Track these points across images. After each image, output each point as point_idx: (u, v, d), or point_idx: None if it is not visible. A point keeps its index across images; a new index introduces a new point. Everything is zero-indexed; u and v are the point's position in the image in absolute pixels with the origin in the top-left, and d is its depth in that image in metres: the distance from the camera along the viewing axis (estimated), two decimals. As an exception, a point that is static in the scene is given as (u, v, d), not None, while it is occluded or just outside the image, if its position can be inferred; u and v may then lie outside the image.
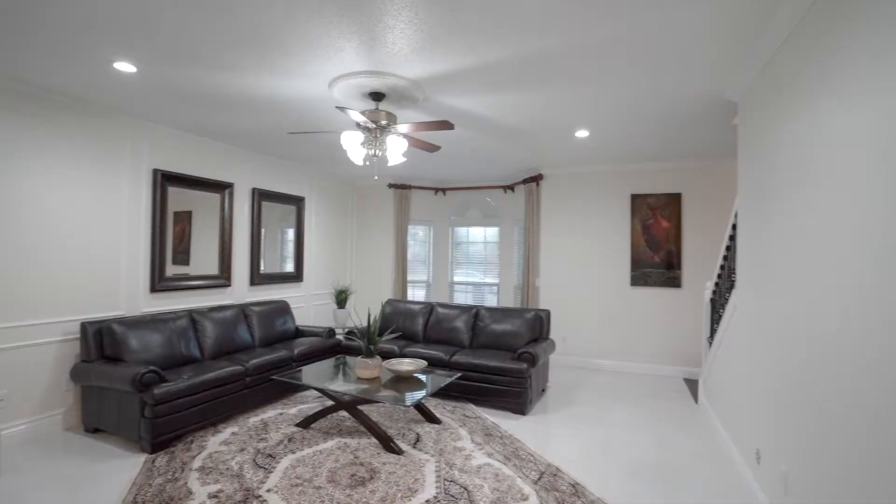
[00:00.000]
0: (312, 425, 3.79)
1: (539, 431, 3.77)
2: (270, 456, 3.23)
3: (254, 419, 3.93)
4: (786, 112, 2.36)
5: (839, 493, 1.68)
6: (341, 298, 6.15)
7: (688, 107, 3.64)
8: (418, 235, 7.41)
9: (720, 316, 3.90)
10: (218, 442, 3.46)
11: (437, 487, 2.82)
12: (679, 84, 3.17)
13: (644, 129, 4.28)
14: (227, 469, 3.04)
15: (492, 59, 2.82)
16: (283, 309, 5.26)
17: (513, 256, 6.78)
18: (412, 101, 3.44)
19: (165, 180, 4.42)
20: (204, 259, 4.88)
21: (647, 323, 5.72)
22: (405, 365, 3.88)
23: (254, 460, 3.16)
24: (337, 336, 5.40)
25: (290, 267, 6.03)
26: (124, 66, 3.01)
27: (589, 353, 6.00)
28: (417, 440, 3.52)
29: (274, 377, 3.84)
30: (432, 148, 3.85)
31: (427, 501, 2.66)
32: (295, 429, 3.72)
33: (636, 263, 5.73)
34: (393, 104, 3.49)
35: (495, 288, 7.03)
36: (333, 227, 6.91)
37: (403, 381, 3.70)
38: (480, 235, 7.16)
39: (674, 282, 5.59)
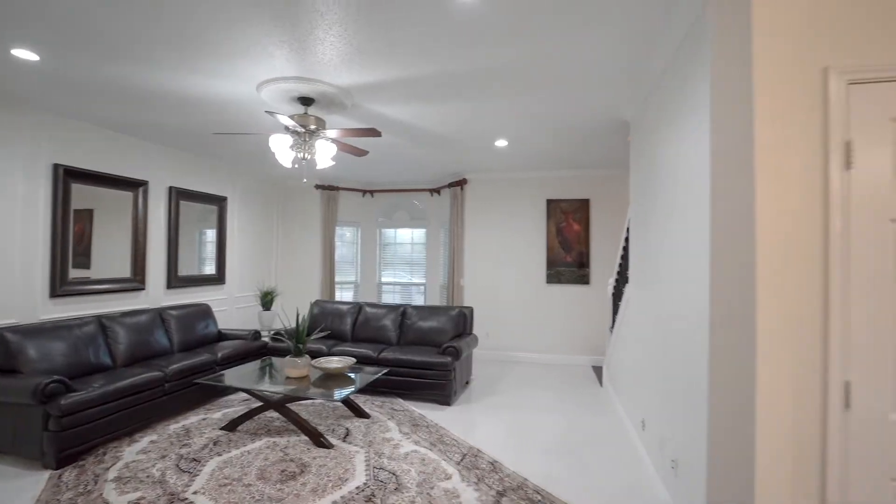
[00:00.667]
0: (239, 428, 3.75)
1: (463, 420, 4.05)
2: (195, 460, 3.18)
3: (174, 426, 3.80)
4: (660, 135, 2.84)
5: (687, 442, 2.12)
6: (267, 300, 6.04)
7: (593, 123, 4.13)
8: (346, 237, 7.45)
9: (619, 308, 4.46)
10: (135, 451, 3.33)
11: (366, 475, 2.98)
12: (584, 104, 3.62)
13: (557, 141, 4.75)
14: (148, 476, 2.96)
15: (418, 74, 3.05)
16: (204, 312, 5.08)
17: (439, 257, 7.06)
18: (341, 107, 3.56)
19: (69, 176, 4.11)
20: (112, 261, 4.58)
21: (561, 317, 6.29)
22: (334, 363, 3.97)
23: (177, 465, 3.10)
24: (263, 338, 5.32)
25: (211, 269, 5.81)
26: (24, 54, 2.82)
27: (509, 347, 6.45)
28: (347, 434, 3.64)
29: (198, 381, 3.75)
30: (361, 153, 4.00)
31: (357, 487, 2.82)
32: (220, 432, 3.67)
33: (551, 263, 6.28)
34: (322, 109, 3.59)
35: (422, 288, 7.26)
36: (258, 227, 6.74)
37: (332, 379, 3.80)
38: (408, 237, 7.36)
39: (583, 279, 6.20)
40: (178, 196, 5.27)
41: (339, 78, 3.12)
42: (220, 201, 5.92)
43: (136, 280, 4.80)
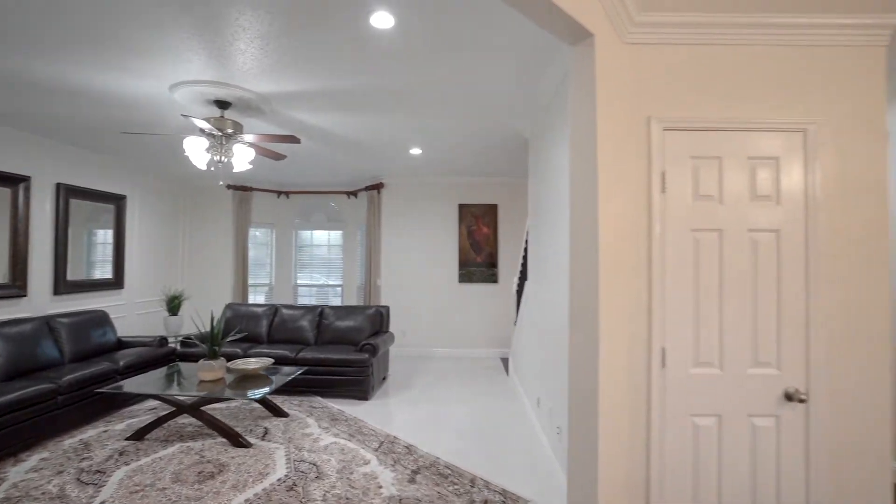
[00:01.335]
0: (147, 436, 3.64)
1: (380, 412, 4.30)
2: (99, 472, 3.07)
3: (70, 441, 3.58)
4: (549, 154, 3.35)
5: (565, 409, 2.59)
6: (174, 305, 5.75)
7: (498, 138, 4.60)
8: (259, 238, 7.29)
9: (521, 303, 5.00)
10: (24, 471, 3.11)
11: (287, 468, 3.11)
12: (489, 122, 4.06)
13: (467, 151, 5.18)
14: (44, 493, 2.82)
15: (336, 87, 3.25)
16: (100, 319, 4.75)
17: (356, 258, 7.20)
18: (259, 112, 3.63)
19: (-67, 171, 3.67)
20: (-13, 265, 4.14)
21: (473, 314, 6.77)
22: (251, 364, 4.00)
23: (78, 479, 2.98)
24: (170, 345, 5.09)
25: (107, 272, 5.41)
26: None
27: (424, 343, 6.80)
28: (266, 433, 3.71)
29: (101, 391, 3.57)
30: (279, 157, 4.07)
31: (279, 479, 2.95)
32: (126, 442, 3.53)
33: (463, 263, 6.74)
34: (239, 113, 3.63)
35: (339, 289, 7.35)
36: (162, 228, 6.36)
37: (249, 380, 3.83)
38: (325, 238, 7.40)
39: (493, 278, 6.75)
40: (67, 194, 4.86)
41: (259, 85, 3.21)
42: (118, 200, 5.53)
43: (17, 286, 4.36)
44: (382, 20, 2.33)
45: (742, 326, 1.87)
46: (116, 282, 5.50)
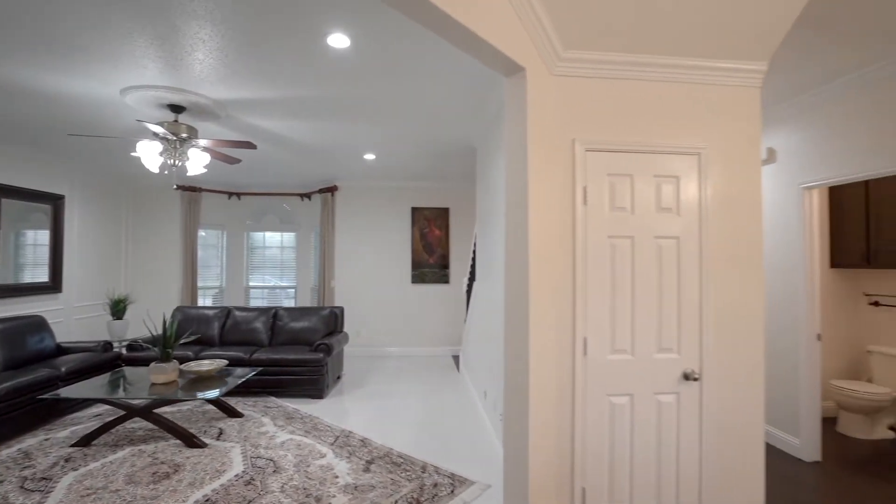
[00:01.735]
0: (94, 442, 3.59)
1: (335, 409, 4.43)
2: (44, 479, 3.03)
3: (7, 451, 3.46)
4: (493, 165, 3.64)
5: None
6: (119, 309, 5.58)
7: (449, 146, 4.86)
8: (210, 240, 7.15)
9: (470, 302, 5.28)
10: (-43, 482, 3.01)
11: (244, 464, 3.20)
12: (441, 132, 4.30)
13: (419, 157, 5.41)
14: (-15, 502, 2.76)
15: (294, 97, 3.38)
16: (37, 325, 4.56)
17: (310, 260, 7.24)
18: (214, 116, 3.68)
19: None
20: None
21: (425, 313, 7.00)
22: (205, 366, 4.02)
23: (21, 487, 2.93)
24: (116, 349, 4.96)
25: (42, 276, 5.17)
26: None
27: (378, 343, 6.96)
28: (221, 433, 3.76)
29: (44, 397, 3.49)
30: (234, 161, 4.12)
31: (236, 475, 3.04)
32: (72, 449, 3.47)
33: (416, 265, 6.96)
34: (193, 117, 3.66)
35: (292, 291, 7.35)
36: (105, 230, 6.12)
37: (203, 382, 3.85)
38: (277, 240, 7.37)
39: (444, 279, 7.01)
40: (-1, 193, 4.63)
41: (216, 92, 3.28)
42: (55, 200, 5.30)
43: (-58, 291, 4.13)
44: (339, 41, 2.51)
45: (649, 318, 2.22)
46: (54, 286, 5.27)
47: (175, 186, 6.68)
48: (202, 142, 3.58)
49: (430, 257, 6.99)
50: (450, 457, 3.34)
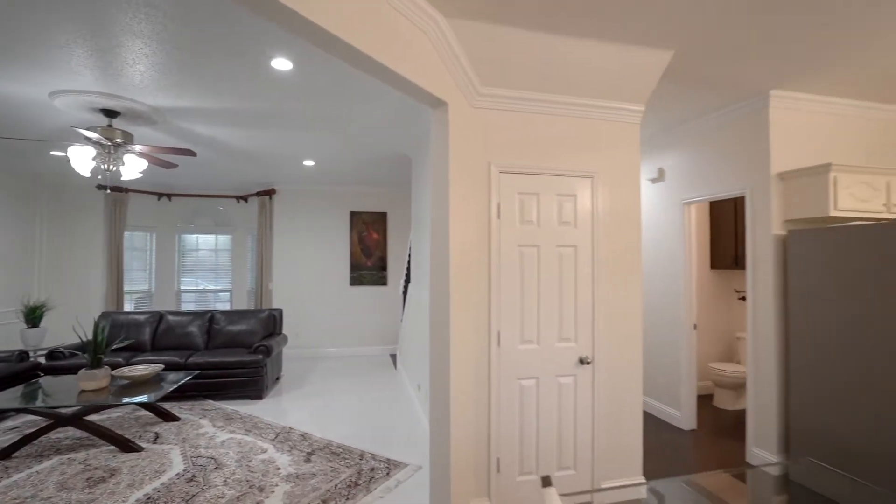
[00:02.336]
0: (15, 454, 3.49)
1: (275, 408, 4.56)
2: (-36, 491, 2.95)
3: (-85, 466, 3.29)
4: (426, 173, 3.99)
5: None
6: (35, 316, 5.27)
7: (386, 155, 5.14)
8: (137, 243, 6.88)
9: (406, 303, 5.60)
10: None
11: (185, 464, 3.30)
12: (377, 142, 4.57)
13: (358, 164, 5.63)
14: None
15: (235, 108, 3.51)
16: (-58, 334, 4.26)
17: (246, 262, 7.19)
18: (150, 122, 3.71)
19: None
20: None
21: (364, 314, 7.22)
22: (139, 371, 4.01)
23: (-62, 501, 2.85)
24: (32, 358, 4.73)
25: (-54, 282, 4.80)
26: None
27: (318, 344, 7.07)
28: (157, 437, 3.78)
29: (-42, 407, 3.34)
30: (171, 166, 4.13)
31: (177, 474, 3.14)
32: (-10, 461, 3.36)
33: (354, 267, 7.16)
34: (128, 122, 3.66)
35: (228, 294, 7.26)
36: (14, 232, 5.73)
37: (137, 387, 3.84)
38: (212, 242, 7.24)
39: (382, 281, 7.27)
40: None
41: (154, 100, 3.34)
42: (-40, 201, 4.93)
43: None
44: (282, 64, 2.73)
45: (552, 313, 2.66)
46: (-41, 292, 4.90)
47: (97, 187, 6.38)
48: (138, 147, 3.60)
49: (369, 260, 7.22)
50: (386, 445, 3.64)
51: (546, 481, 1.03)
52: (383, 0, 1.90)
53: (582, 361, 2.69)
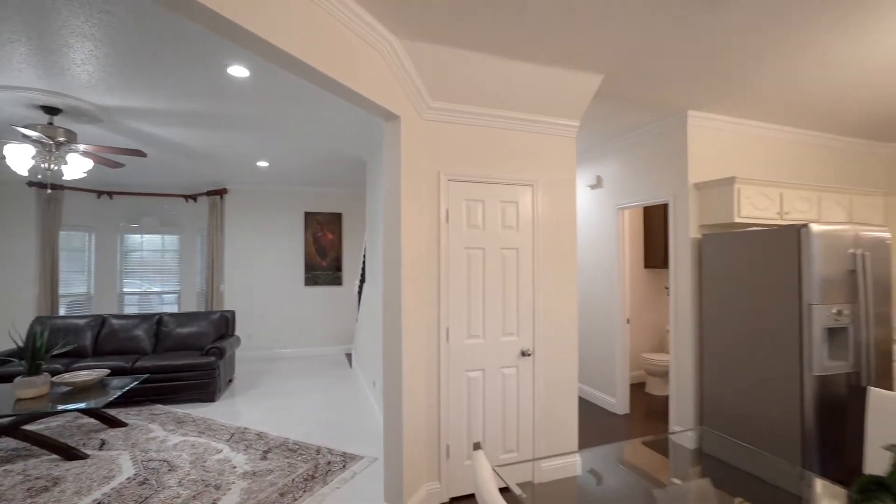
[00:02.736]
0: (-55, 466, 3.32)
1: (229, 410, 4.56)
2: None
3: None
4: (380, 176, 4.14)
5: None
6: (-41, 321, 4.93)
7: (342, 158, 5.22)
8: (74, 243, 6.54)
9: (361, 303, 5.71)
10: None
11: (135, 468, 3.28)
12: (333, 145, 4.66)
13: (313, 166, 5.68)
14: None
15: (189, 109, 3.51)
16: None
17: (195, 264, 7.01)
18: (95, 120, 3.63)
19: None
20: None
21: (319, 314, 7.24)
22: (81, 376, 3.89)
23: None
24: (-41, 366, 4.44)
25: None
26: None
27: (272, 345, 7.02)
28: (103, 444, 3.70)
29: None
30: (117, 165, 4.04)
31: (128, 479, 3.12)
32: (-83, 475, 3.19)
33: (309, 267, 7.16)
34: (70, 120, 3.56)
35: (175, 296, 7.05)
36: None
37: (80, 394, 3.73)
38: (158, 243, 7.00)
39: (337, 281, 7.32)
40: None
41: (101, 99, 3.29)
42: None
43: None
44: (238, 71, 2.81)
45: (496, 310, 2.90)
46: None
47: (28, 183, 6.02)
48: (82, 147, 3.52)
49: (324, 260, 7.24)
50: (342, 440, 3.76)
51: (476, 446, 1.23)
52: (339, 23, 2.05)
53: (524, 354, 2.96)
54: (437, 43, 2.47)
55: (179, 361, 4.71)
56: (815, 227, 2.80)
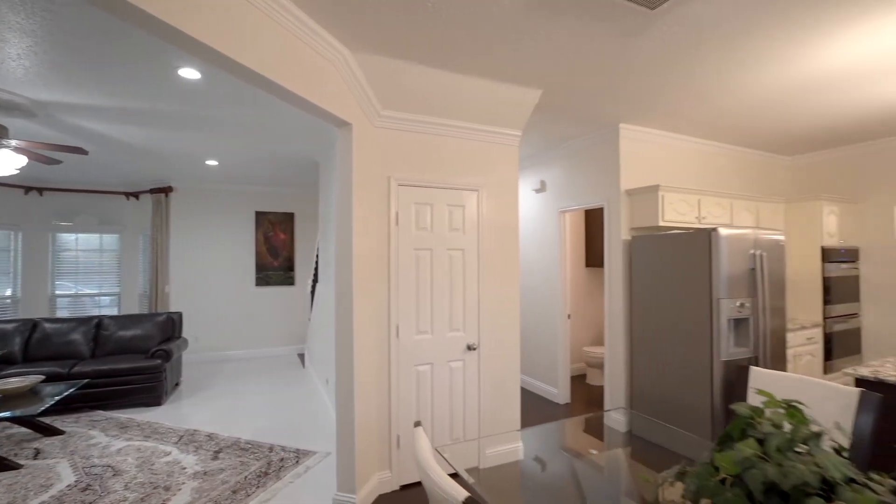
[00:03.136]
0: None
1: (176, 413, 4.47)
2: None
3: None
4: (333, 178, 4.22)
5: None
6: None
7: (295, 159, 5.23)
8: (-1, 242, 6.10)
9: (315, 302, 5.73)
10: None
11: (76, 475, 3.19)
12: (286, 147, 4.67)
13: (266, 166, 5.63)
14: None
15: (134, 107, 3.44)
16: None
17: (138, 264, 6.74)
18: (29, 115, 3.48)
19: None
20: None
21: (271, 315, 7.16)
22: (11, 383, 3.72)
23: None
24: None
25: None
26: None
27: (222, 347, 6.87)
28: (38, 453, 3.56)
29: None
30: (54, 162, 3.87)
31: (68, 486, 3.04)
32: None
33: (260, 267, 7.06)
34: (1, 113, 3.40)
35: (112, 298, 6.74)
36: None
37: (10, 402, 3.57)
38: (95, 243, 6.66)
39: (290, 281, 7.26)
40: None
41: (37, 94, 3.17)
42: None
43: None
44: (190, 74, 2.82)
45: (444, 307, 3.09)
46: None
47: (-54, 178, 5.58)
48: (14, 142, 3.37)
49: (275, 260, 7.17)
50: (296, 437, 3.82)
51: (417, 423, 1.40)
52: (294, 37, 2.16)
53: (469, 348, 3.16)
54: (388, 56, 2.61)
55: (122, 365, 4.56)
56: (722, 231, 3.19)
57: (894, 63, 2.75)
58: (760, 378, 1.95)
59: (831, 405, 1.69)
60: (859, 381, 2.41)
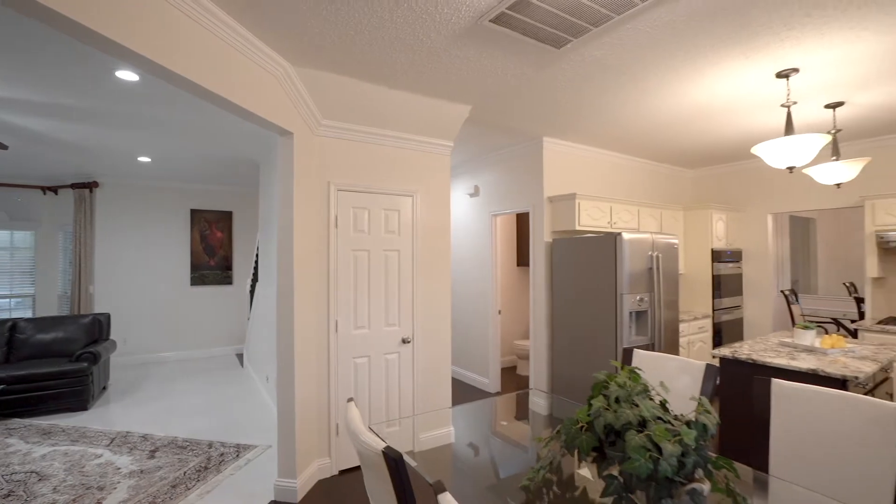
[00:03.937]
0: None
1: (105, 417, 4.36)
2: None
3: None
4: (273, 180, 4.31)
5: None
6: None
7: (234, 159, 5.21)
8: None
9: (254, 302, 5.73)
10: None
11: (-3, 481, 3.10)
12: (226, 148, 4.68)
13: (203, 164, 5.55)
14: None
15: (62, 103, 3.36)
16: None
17: (57, 263, 6.35)
18: (-61, 108, 3.29)
19: None
20: None
21: (207, 315, 7.00)
22: (-82, 391, 3.50)
23: None
24: None
25: None
26: None
27: (153, 349, 6.64)
28: (-50, 461, 3.39)
29: None
30: (-36, 156, 3.66)
31: (-10, 491, 2.96)
32: None
33: (196, 267, 6.89)
34: None
35: (30, 300, 6.31)
36: None
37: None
38: (5, 240, 6.20)
39: (227, 280, 7.14)
40: None
41: (-50, 88, 3.04)
42: None
43: None
44: (127, 76, 2.85)
45: (380, 304, 3.33)
46: None
47: None
48: (-77, 136, 3.18)
49: (212, 259, 7.02)
50: (236, 433, 3.89)
51: (349, 399, 1.64)
52: (236, 51, 2.31)
53: (404, 341, 3.43)
54: (329, 71, 2.81)
55: (42, 370, 4.37)
56: (626, 235, 3.68)
57: (753, 102, 3.34)
58: (639, 358, 2.38)
59: (686, 377, 2.14)
60: (722, 360, 2.95)
